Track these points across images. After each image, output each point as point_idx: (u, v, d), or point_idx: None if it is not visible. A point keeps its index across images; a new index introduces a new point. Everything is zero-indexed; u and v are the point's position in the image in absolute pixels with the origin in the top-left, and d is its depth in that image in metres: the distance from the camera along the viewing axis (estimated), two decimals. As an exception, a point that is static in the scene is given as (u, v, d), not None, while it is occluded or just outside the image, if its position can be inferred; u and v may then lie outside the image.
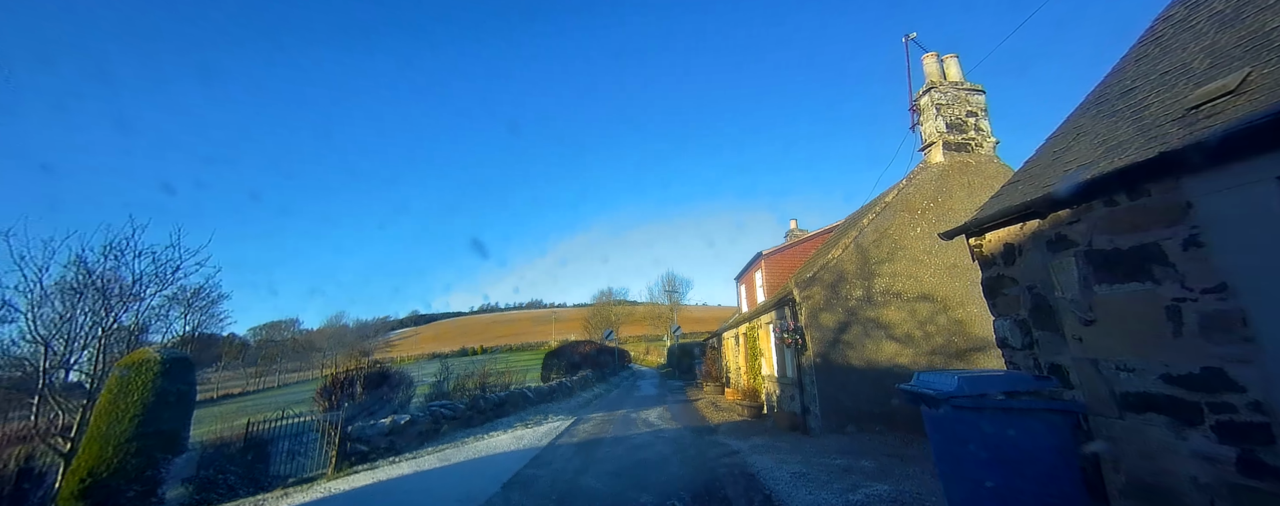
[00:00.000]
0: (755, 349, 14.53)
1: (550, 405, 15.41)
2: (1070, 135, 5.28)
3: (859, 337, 10.18)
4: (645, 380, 31.37)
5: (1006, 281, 5.04)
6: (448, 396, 15.30)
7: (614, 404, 17.29)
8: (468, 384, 18.09)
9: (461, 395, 14.38)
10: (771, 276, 16.15)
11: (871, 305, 10.39)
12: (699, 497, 6.05)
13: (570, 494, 6.42)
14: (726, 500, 5.94)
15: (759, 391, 13.80)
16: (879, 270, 10.64)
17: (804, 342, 10.28)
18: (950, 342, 10.23)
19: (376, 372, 12.28)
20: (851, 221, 13.40)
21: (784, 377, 12.12)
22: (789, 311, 11.09)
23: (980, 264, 5.39)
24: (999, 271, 5.12)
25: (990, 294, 5.26)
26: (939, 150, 11.75)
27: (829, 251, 11.52)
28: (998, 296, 5.17)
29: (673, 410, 14.90)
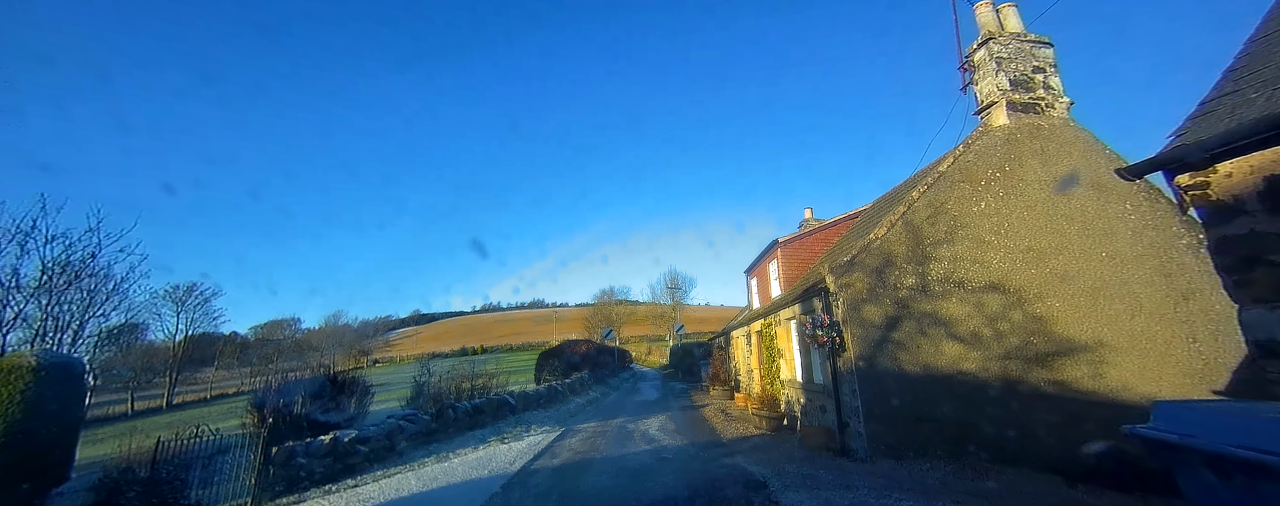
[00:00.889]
0: (772, 349, 12.36)
1: (536, 413, 13.27)
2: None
3: (912, 336, 8.01)
4: (646, 382, 29.20)
5: (1269, 242, 2.86)
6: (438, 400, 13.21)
7: (610, 411, 15.12)
8: (459, 385, 16.02)
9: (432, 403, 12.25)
10: (789, 267, 13.98)
11: (927, 296, 8.21)
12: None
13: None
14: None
15: (778, 399, 11.63)
16: (935, 253, 8.46)
17: (841, 341, 8.11)
18: (1028, 344, 8.04)
19: (326, 379, 10.14)
20: (893, 198, 11.21)
21: (811, 383, 9.95)
22: (820, 304, 8.93)
23: (1207, 216, 3.20)
24: (1251, 225, 2.94)
25: (1231, 265, 3.07)
26: (1002, 111, 9.58)
27: (868, 231, 9.34)
28: (1252, 269, 2.97)
29: (676, 420, 12.74)
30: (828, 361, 8.77)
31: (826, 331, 8.09)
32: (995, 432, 7.56)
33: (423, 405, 12.98)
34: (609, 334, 33.78)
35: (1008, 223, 8.77)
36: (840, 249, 10.96)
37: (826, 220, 14.55)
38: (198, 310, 59.49)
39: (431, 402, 12.63)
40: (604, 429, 11.38)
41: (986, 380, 7.83)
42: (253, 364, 69.82)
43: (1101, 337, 8.20)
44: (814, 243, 14.28)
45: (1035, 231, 8.76)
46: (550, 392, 15.50)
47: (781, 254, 14.07)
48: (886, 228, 8.71)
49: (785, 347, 11.56)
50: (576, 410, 14.89)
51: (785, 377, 11.61)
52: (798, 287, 11.72)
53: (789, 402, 11.24)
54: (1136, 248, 8.78)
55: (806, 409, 10.11)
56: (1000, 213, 8.82)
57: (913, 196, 8.98)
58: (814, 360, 10.10)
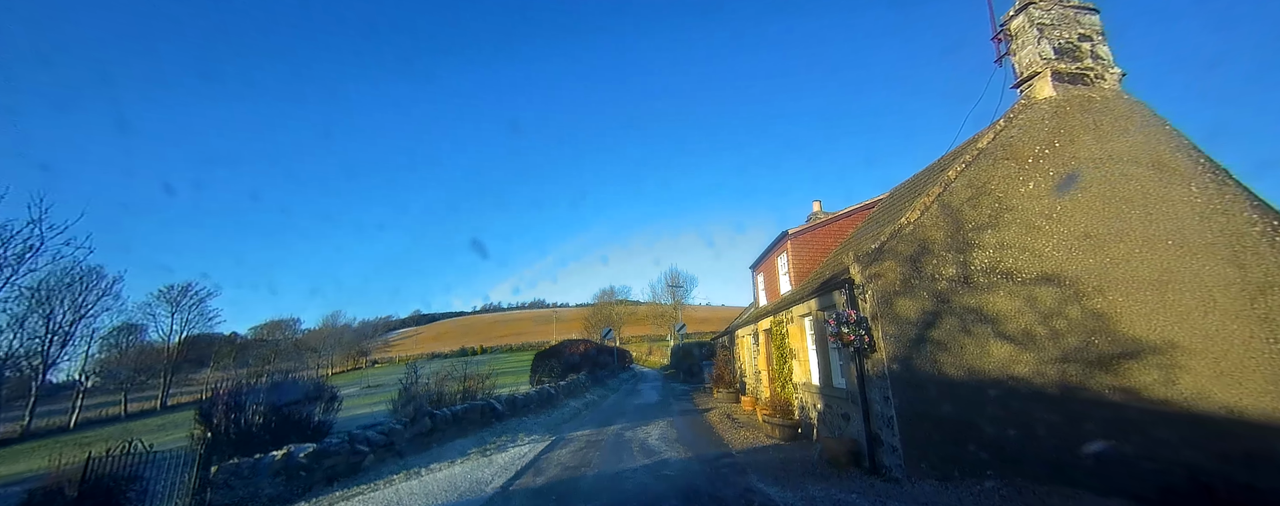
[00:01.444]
0: (783, 349, 11.18)
1: (525, 420, 12.09)
2: None
3: (954, 335, 6.83)
4: (647, 383, 28.01)
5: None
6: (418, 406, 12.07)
7: (607, 416, 13.95)
8: (443, 388, 14.90)
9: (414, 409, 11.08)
10: (799, 261, 12.80)
11: (970, 289, 7.04)
12: None
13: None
14: None
15: (790, 403, 10.44)
16: (978, 239, 7.29)
17: (870, 341, 6.93)
18: (1089, 345, 6.86)
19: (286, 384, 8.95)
20: (920, 182, 10.03)
21: (830, 387, 8.77)
22: (843, 298, 7.75)
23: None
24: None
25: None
26: (1047, 82, 8.42)
27: (899, 214, 8.16)
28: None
29: (679, 426, 11.56)
30: (852, 363, 7.59)
31: (853, 329, 6.91)
32: (1054, 448, 6.38)
33: (409, 410, 11.85)
34: (608, 333, 32.61)
35: (1060, 205, 7.59)
36: (864, 237, 9.78)
37: (839, 210, 13.38)
38: (193, 310, 58.48)
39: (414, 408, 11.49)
40: (599, 437, 10.20)
41: (1042, 387, 6.65)
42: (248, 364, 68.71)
43: (1171, 337, 7.02)
44: (826, 234, 13.10)
45: (1091, 215, 7.58)
46: (543, 396, 14.30)
47: (791, 247, 12.90)
48: (920, 210, 7.54)
49: (798, 347, 10.38)
50: (571, 415, 13.71)
51: (798, 380, 10.44)
52: (812, 281, 10.55)
53: (803, 408, 10.06)
54: (1205, 235, 7.61)
55: (825, 416, 8.93)
56: (1051, 194, 7.65)
57: (949, 176, 7.81)
58: (833, 361, 8.92)
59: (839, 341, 7.13)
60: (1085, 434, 6.43)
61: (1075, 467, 6.31)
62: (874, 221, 11.26)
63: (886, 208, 11.42)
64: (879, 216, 11.16)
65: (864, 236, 10.37)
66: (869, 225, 11.50)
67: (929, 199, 7.63)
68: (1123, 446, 6.40)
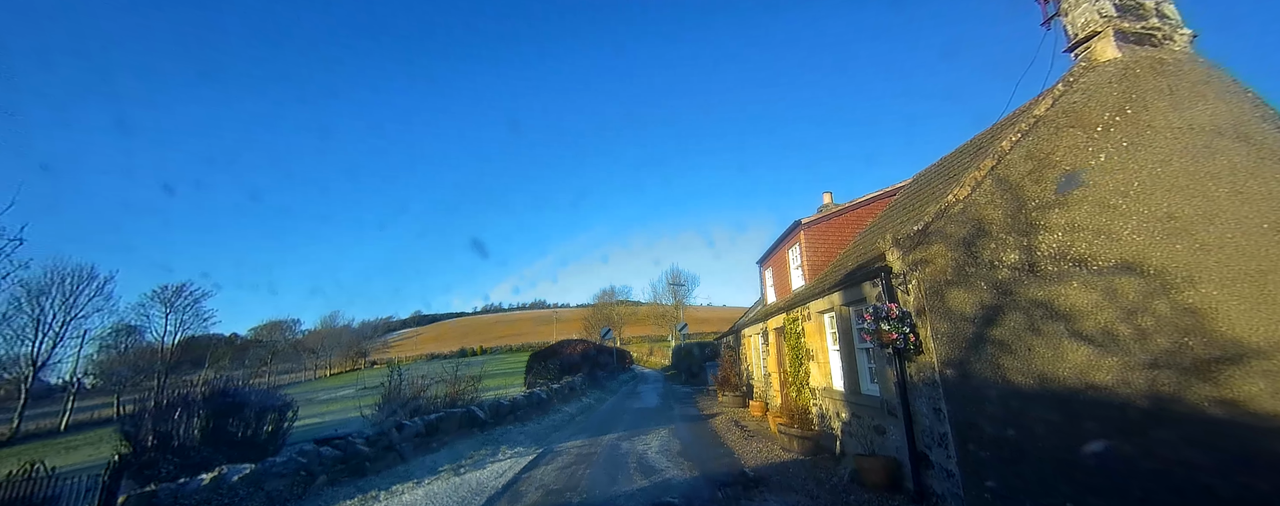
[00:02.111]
0: (798, 349, 9.92)
1: (511, 428, 10.81)
2: None
3: (1020, 334, 5.57)
4: (647, 385, 26.73)
5: None
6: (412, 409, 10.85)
7: (603, 423, 12.68)
8: (420, 392, 13.67)
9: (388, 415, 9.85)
10: (814, 253, 11.56)
11: (1037, 278, 5.78)
12: None
13: None
14: None
15: (808, 411, 9.16)
16: (1044, 220, 6.03)
17: (916, 341, 5.68)
18: (1182, 347, 5.59)
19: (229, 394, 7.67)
20: (961, 161, 8.79)
21: (857, 394, 7.51)
22: (879, 289, 6.49)
23: None
24: None
25: None
26: (1109, 42, 7.16)
27: (945, 192, 6.91)
28: None
29: (682, 436, 10.31)
30: (890, 366, 6.34)
31: (895, 326, 5.65)
32: (1152, 475, 5.12)
33: (386, 417, 10.62)
34: (607, 333, 31.36)
35: (1138, 181, 6.33)
36: (894, 222, 8.52)
37: (857, 199, 12.12)
38: (188, 311, 57.14)
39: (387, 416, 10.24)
40: (591, 450, 8.94)
41: (1129, 398, 5.39)
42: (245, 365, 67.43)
43: (1278, 338, 5.75)
44: (843, 224, 11.85)
45: (1173, 194, 6.32)
46: (532, 401, 13.00)
47: (805, 237, 11.65)
48: (970, 186, 6.29)
49: (817, 348, 9.13)
50: (563, 422, 12.44)
51: (816, 384, 9.17)
52: (832, 273, 9.30)
53: (823, 416, 8.79)
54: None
55: (851, 427, 7.67)
56: (1126, 168, 6.38)
57: (1003, 147, 6.56)
58: (861, 364, 7.66)
59: (876, 340, 5.87)
60: (1186, 460, 5.17)
61: (1175, 500, 5.05)
62: (900, 208, 10.01)
63: (912, 194, 10.17)
64: (906, 203, 9.91)
65: (892, 223, 9.12)
66: (892, 213, 10.25)
67: (981, 173, 6.38)
68: (1233, 474, 5.14)
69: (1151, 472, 5.10)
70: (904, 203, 10.03)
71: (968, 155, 8.83)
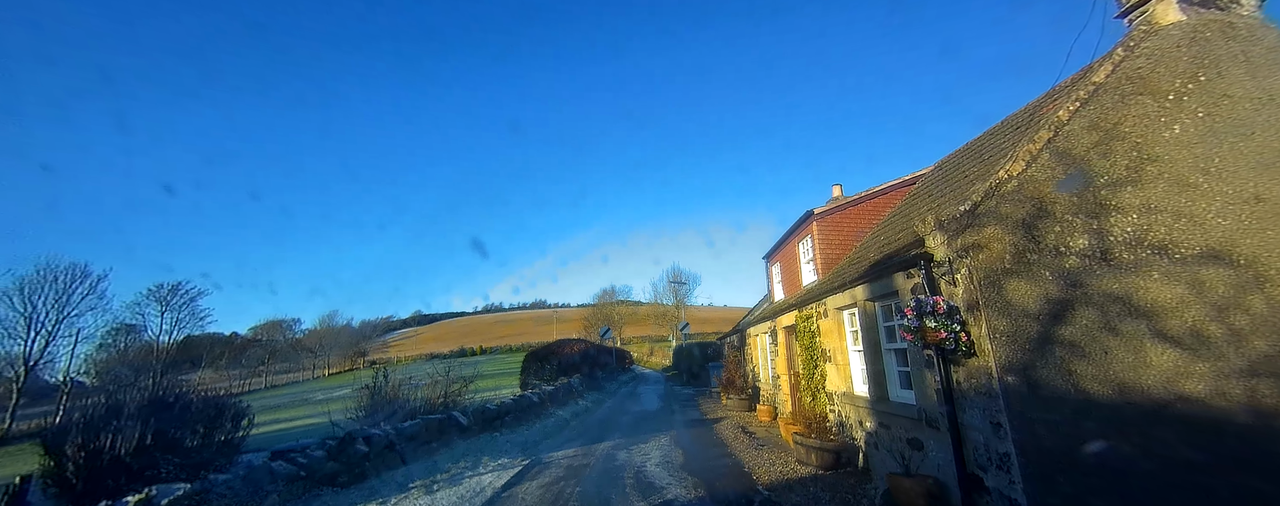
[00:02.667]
0: (813, 350, 8.98)
1: (497, 436, 9.85)
2: None
3: (1094, 334, 4.62)
4: (648, 386, 25.79)
5: None
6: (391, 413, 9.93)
7: (599, 428, 11.74)
8: (396, 393, 12.75)
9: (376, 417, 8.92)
10: (828, 246, 10.62)
11: (1111, 268, 4.83)
12: None
13: None
14: None
15: (825, 418, 8.19)
16: (1116, 200, 5.09)
17: (968, 340, 4.73)
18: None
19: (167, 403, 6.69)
20: (1010, 131, 7.83)
21: (886, 402, 6.56)
22: (916, 281, 5.55)
23: None
24: None
25: None
26: (1171, 5, 6.19)
27: (991, 170, 5.97)
28: None
29: (685, 444, 9.38)
30: (930, 371, 5.39)
31: (942, 323, 4.70)
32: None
33: (368, 423, 9.70)
34: (606, 332, 30.42)
35: (1218, 156, 5.38)
36: (927, 206, 7.57)
37: (874, 186, 11.16)
38: (184, 310, 56.22)
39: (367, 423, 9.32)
40: (584, 462, 8.00)
41: (1228, 412, 4.44)
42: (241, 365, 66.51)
43: (1396, 338, 4.80)
44: (858, 215, 10.91)
45: (1260, 172, 5.36)
46: (523, 405, 12.02)
47: (818, 229, 10.70)
48: (1025, 161, 5.34)
49: (834, 348, 8.18)
50: (556, 427, 11.48)
51: (835, 389, 8.23)
52: (852, 265, 8.34)
53: (843, 425, 7.84)
54: None
55: (879, 439, 6.71)
56: (1205, 141, 5.43)
57: (1060, 117, 5.61)
58: (889, 367, 6.72)
59: (918, 340, 4.92)
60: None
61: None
62: (924, 196, 9.07)
63: (939, 180, 9.23)
64: (932, 189, 8.97)
65: (919, 210, 8.18)
66: (915, 201, 9.31)
67: (1036, 145, 5.44)
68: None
69: (1264, 503, 4.14)
70: (930, 189, 9.08)
71: (1004, 135, 7.89)
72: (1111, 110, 5.62)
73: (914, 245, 5.89)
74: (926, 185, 9.74)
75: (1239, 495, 4.16)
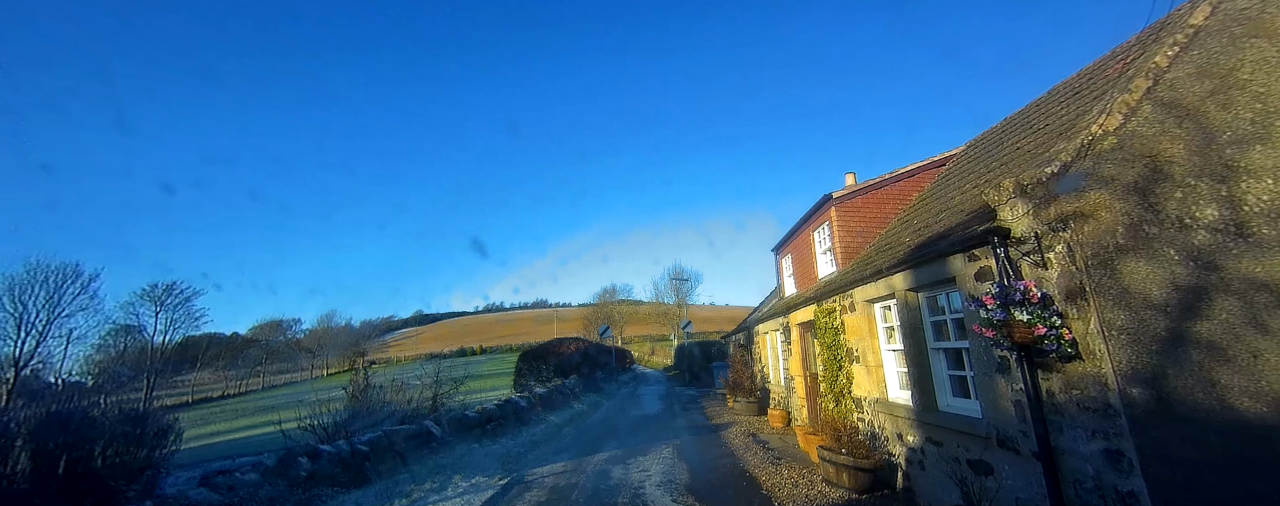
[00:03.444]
0: (837, 349, 7.85)
1: (475, 447, 8.68)
2: None
3: (1236, 332, 3.48)
4: (649, 387, 24.67)
5: None
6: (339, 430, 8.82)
7: (593, 436, 10.62)
8: (362, 396, 11.69)
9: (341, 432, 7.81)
10: (849, 234, 9.49)
11: (1249, 246, 3.69)
12: None
13: None
14: None
15: (854, 428, 7.03)
16: (1245, 160, 3.95)
17: (1069, 341, 3.58)
18: None
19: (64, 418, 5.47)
20: (1067, 97, 6.67)
21: (935, 412, 5.43)
22: (993, 262, 4.43)
23: None
24: None
25: None
26: (1278, -72, 5.06)
27: (1070, 130, 4.81)
28: None
29: (691, 457, 8.27)
30: (1002, 376, 4.27)
31: (1039, 316, 3.56)
32: None
33: (357, 422, 8.61)
34: (605, 331, 29.30)
35: (1365, 106, 4.26)
36: (970, 184, 6.44)
37: (899, 170, 10.02)
38: (179, 310, 55.09)
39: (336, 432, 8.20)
40: (572, 481, 6.86)
41: None
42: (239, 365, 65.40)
43: None
44: (882, 199, 9.78)
45: None
46: (508, 411, 10.81)
47: (837, 214, 9.57)
48: (1121, 114, 4.23)
49: (863, 347, 7.05)
50: (546, 436, 10.33)
51: (863, 394, 7.11)
52: (880, 253, 7.21)
53: (876, 436, 6.70)
54: None
55: (925, 458, 5.58)
56: (1341, 90, 4.31)
57: (1158, 63, 4.50)
58: (937, 369, 5.59)
59: (1002, 337, 3.77)
60: None
61: None
62: (959, 176, 7.94)
63: (979, 156, 8.10)
64: (971, 167, 7.84)
65: (961, 188, 7.05)
66: (950, 181, 8.19)
67: (1133, 96, 4.31)
68: None
69: None
70: (969, 167, 7.95)
71: (1059, 103, 6.76)
72: (1222, 55, 4.50)
73: (978, 219, 4.76)
74: (962, 164, 8.61)
75: None
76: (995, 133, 8.52)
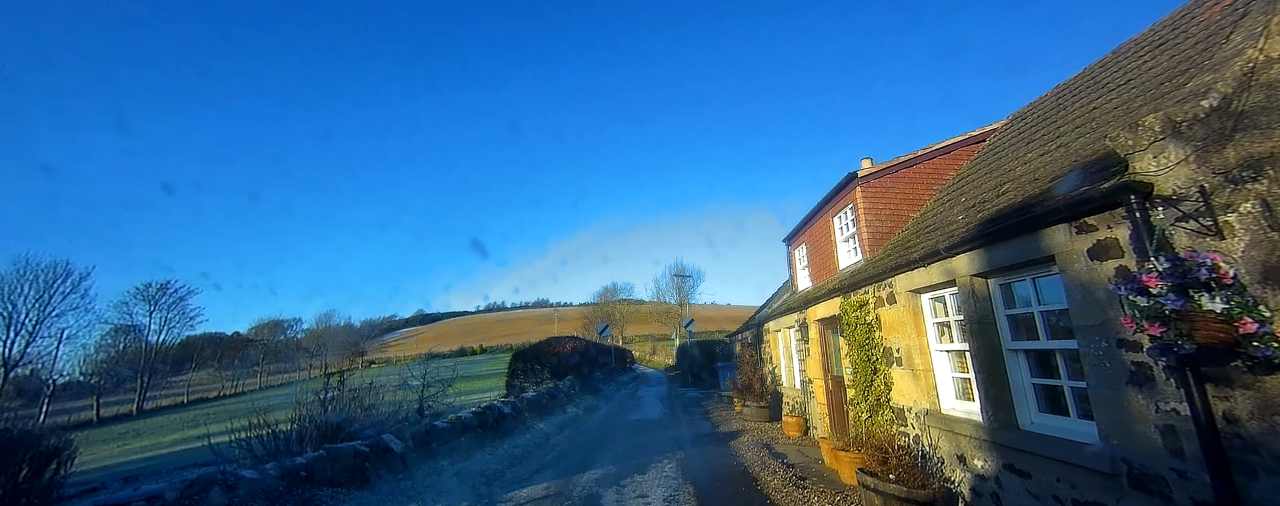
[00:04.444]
0: (872, 349, 6.60)
1: (444, 464, 7.34)
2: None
3: None
4: (650, 388, 23.44)
5: None
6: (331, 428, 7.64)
7: (586, 448, 9.40)
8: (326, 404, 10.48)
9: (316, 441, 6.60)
10: (877, 218, 8.24)
11: None
12: None
13: None
14: None
15: (906, 449, 5.74)
16: None
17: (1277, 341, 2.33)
18: None
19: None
20: (1159, 44, 5.41)
21: (1016, 431, 4.18)
22: (1139, 228, 3.16)
23: None
24: None
25: None
26: None
27: (1224, 53, 3.55)
28: None
29: (697, 474, 7.06)
30: (1139, 392, 3.02)
31: (1240, 304, 2.32)
32: None
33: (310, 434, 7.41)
34: (604, 329, 28.09)
35: None
36: (1041, 145, 5.19)
37: (933, 145, 8.75)
38: (173, 309, 54.08)
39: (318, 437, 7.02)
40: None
41: None
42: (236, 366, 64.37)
43: None
44: (914, 179, 8.53)
45: None
46: (488, 420, 9.45)
47: (863, 196, 8.32)
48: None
49: (908, 346, 5.81)
50: (530, 448, 9.08)
51: (910, 404, 5.86)
52: (919, 236, 5.96)
53: (927, 456, 5.44)
54: None
55: (1004, 487, 4.33)
56: None
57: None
58: (1016, 374, 4.34)
59: (1180, 337, 2.51)
60: None
61: None
62: (1016, 145, 6.70)
63: (1030, 127, 6.86)
64: (1026, 134, 6.59)
65: (1006, 164, 5.81)
66: (998, 156, 6.94)
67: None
68: None
69: None
70: (1026, 135, 6.70)
71: (1138, 57, 5.56)
72: None
73: (1099, 173, 3.52)
74: (1010, 136, 7.36)
75: None
76: (1050, 100, 7.27)
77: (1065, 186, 3.85)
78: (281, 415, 9.27)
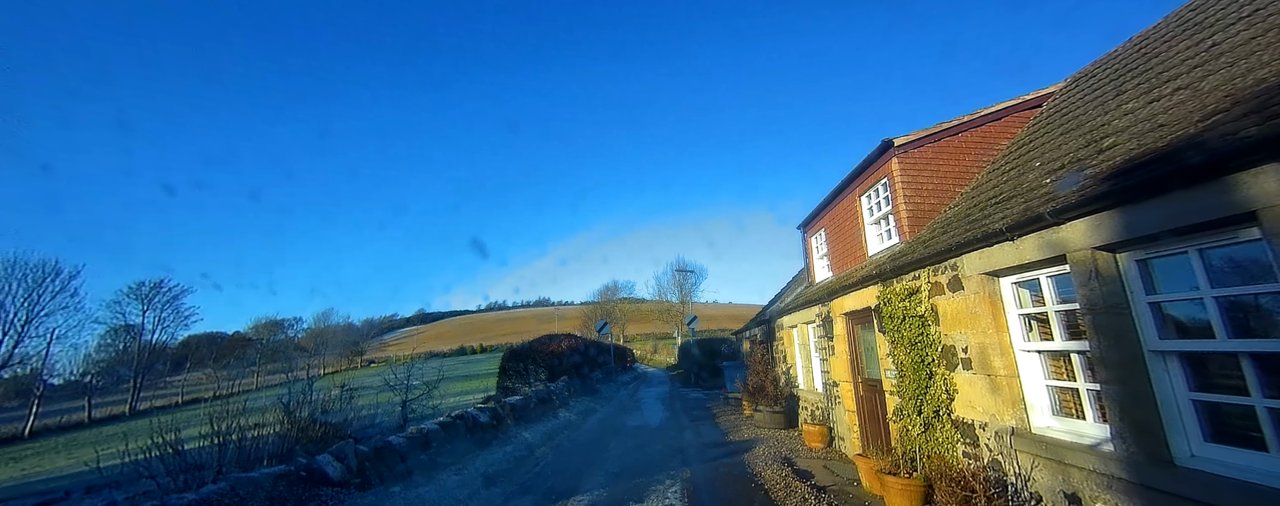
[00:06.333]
0: (925, 347, 5.33)
1: (397, 491, 5.98)
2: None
3: None
4: (650, 388, 22.18)
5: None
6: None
7: (576, 465, 8.13)
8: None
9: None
10: (918, 193, 6.96)
11: None
12: None
13: None
14: None
15: (993, 483, 4.47)
16: None
17: None
18: None
19: None
20: None
21: (1171, 472, 2.91)
22: None
23: None
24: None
25: None
26: None
27: None
28: None
29: (706, 500, 5.77)
30: None
31: None
32: None
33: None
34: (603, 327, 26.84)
35: None
36: (1126, 99, 3.93)
37: (982, 110, 7.45)
38: (167, 308, 52.91)
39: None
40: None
41: None
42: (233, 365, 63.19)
43: None
44: (962, 148, 7.25)
45: None
46: (458, 431, 7.92)
47: (901, 168, 7.03)
48: None
49: (983, 346, 4.53)
50: (507, 465, 7.76)
51: (984, 419, 4.59)
52: (980, 210, 4.67)
53: (1012, 489, 4.16)
54: None
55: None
56: None
57: None
58: (1169, 387, 3.05)
59: None
60: None
61: None
62: (1091, 101, 5.42)
63: (1111, 78, 5.58)
64: (1106, 88, 5.31)
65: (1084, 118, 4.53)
66: (1069, 114, 5.66)
67: None
68: None
69: None
70: (1107, 87, 5.42)
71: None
72: None
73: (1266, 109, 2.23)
74: (1083, 91, 6.05)
75: None
76: (1129, 51, 5.98)
77: (1227, 127, 2.57)
78: (254, 419, 8.01)
